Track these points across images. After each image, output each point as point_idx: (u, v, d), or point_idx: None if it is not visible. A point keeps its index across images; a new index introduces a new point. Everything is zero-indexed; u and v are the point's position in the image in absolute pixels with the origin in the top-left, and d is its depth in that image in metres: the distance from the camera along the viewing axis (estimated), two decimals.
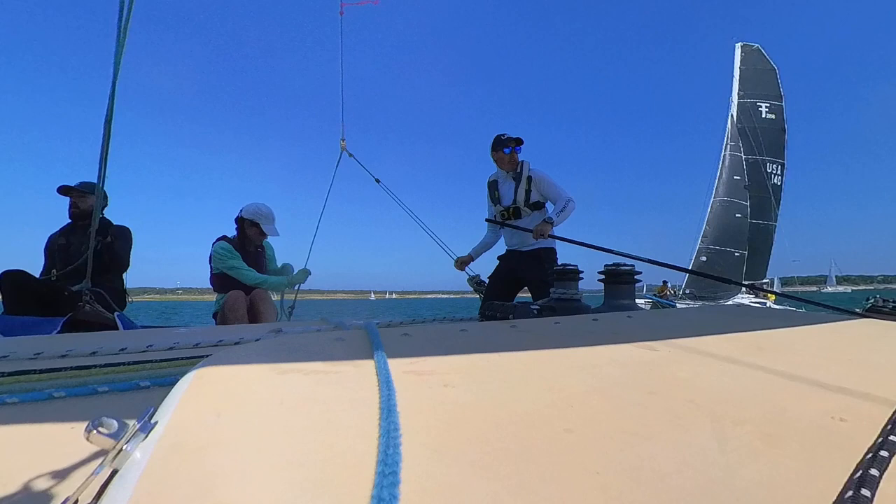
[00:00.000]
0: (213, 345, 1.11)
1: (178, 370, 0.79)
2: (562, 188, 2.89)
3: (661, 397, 0.49)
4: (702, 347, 0.75)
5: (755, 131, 15.26)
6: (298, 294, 3.28)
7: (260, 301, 2.93)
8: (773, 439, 0.39)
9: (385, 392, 0.44)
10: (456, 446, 0.36)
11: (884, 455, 0.34)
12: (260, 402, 0.43)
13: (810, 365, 0.65)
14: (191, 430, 0.36)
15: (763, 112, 15.38)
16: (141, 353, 1.01)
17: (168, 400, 0.43)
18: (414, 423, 0.39)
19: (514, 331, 0.90)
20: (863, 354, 0.77)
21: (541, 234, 2.66)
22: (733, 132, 15.11)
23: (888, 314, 1.22)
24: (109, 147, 1.91)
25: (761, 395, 0.52)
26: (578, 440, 0.38)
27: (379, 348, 0.62)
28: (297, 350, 0.65)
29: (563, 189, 2.88)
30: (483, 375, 0.57)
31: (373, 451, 0.33)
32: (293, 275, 3.25)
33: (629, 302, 1.65)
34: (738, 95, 15.58)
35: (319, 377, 0.52)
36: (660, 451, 0.36)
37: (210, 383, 0.47)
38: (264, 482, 0.29)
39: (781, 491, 0.31)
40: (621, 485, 0.31)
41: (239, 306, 2.82)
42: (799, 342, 0.84)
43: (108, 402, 0.71)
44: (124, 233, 3.00)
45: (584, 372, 0.60)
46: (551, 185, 2.90)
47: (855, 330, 1.01)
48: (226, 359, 0.57)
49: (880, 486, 0.30)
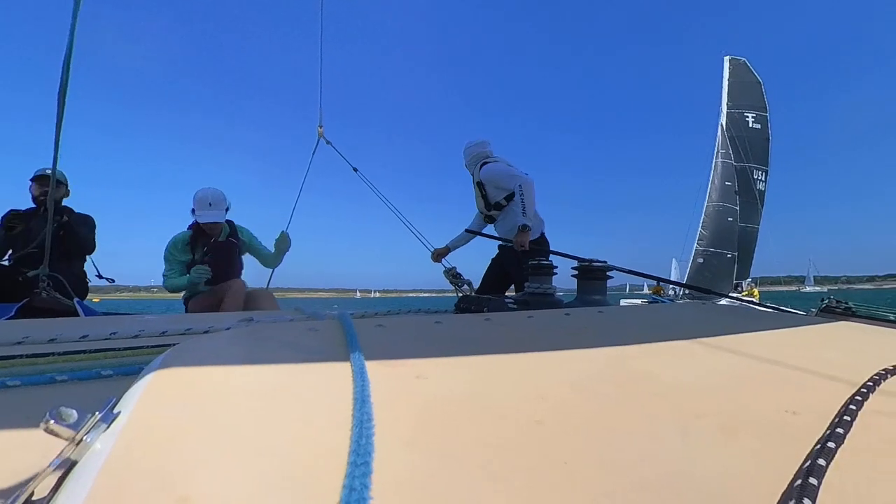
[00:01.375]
0: (182, 333, 1.08)
1: (144, 359, 0.76)
2: (509, 174, 2.74)
3: (628, 390, 0.51)
4: (668, 343, 0.78)
5: (743, 140, 16.25)
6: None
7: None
8: (731, 432, 0.41)
9: (359, 383, 0.44)
10: (428, 437, 0.36)
11: (831, 446, 0.36)
12: (229, 392, 0.43)
13: (767, 361, 0.69)
14: (156, 421, 0.35)
15: (750, 122, 16.37)
16: (103, 341, 0.97)
17: (132, 389, 0.42)
18: (387, 414, 0.39)
19: (488, 324, 0.91)
20: (815, 352, 0.82)
21: (521, 245, 2.61)
22: (723, 140, 16.02)
23: (840, 314, 1.29)
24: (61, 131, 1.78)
25: (722, 390, 0.54)
26: (549, 432, 0.39)
27: (353, 339, 0.61)
28: (269, 339, 0.64)
29: (511, 175, 2.74)
30: (456, 368, 0.57)
31: (345, 441, 0.33)
32: (277, 241, 3.05)
33: (601, 297, 1.69)
34: (727, 106, 16.54)
35: (291, 367, 0.52)
36: (627, 443, 0.38)
37: (177, 372, 0.46)
38: (232, 473, 0.29)
39: (738, 480, 0.33)
40: (589, 474, 0.32)
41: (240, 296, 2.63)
42: (758, 340, 0.88)
43: (68, 392, 0.68)
44: (87, 220, 2.87)
45: (555, 365, 0.61)
46: (500, 177, 2.77)
47: (809, 329, 1.06)
48: (194, 347, 0.56)
49: (826, 475, 0.32)
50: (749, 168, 16.21)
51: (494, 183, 2.80)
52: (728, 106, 16.34)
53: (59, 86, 1.73)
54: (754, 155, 16.25)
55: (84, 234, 2.81)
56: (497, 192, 2.81)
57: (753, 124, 16.31)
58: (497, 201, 2.81)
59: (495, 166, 2.83)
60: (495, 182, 2.80)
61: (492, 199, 2.82)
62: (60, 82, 1.73)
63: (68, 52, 1.73)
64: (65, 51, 1.74)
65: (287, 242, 3.06)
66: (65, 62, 1.73)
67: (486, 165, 2.86)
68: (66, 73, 1.73)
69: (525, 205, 2.64)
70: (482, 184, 2.82)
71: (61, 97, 1.73)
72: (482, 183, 2.82)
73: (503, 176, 2.77)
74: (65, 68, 1.73)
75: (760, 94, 16.58)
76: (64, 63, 1.73)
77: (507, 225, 2.80)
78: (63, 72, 1.73)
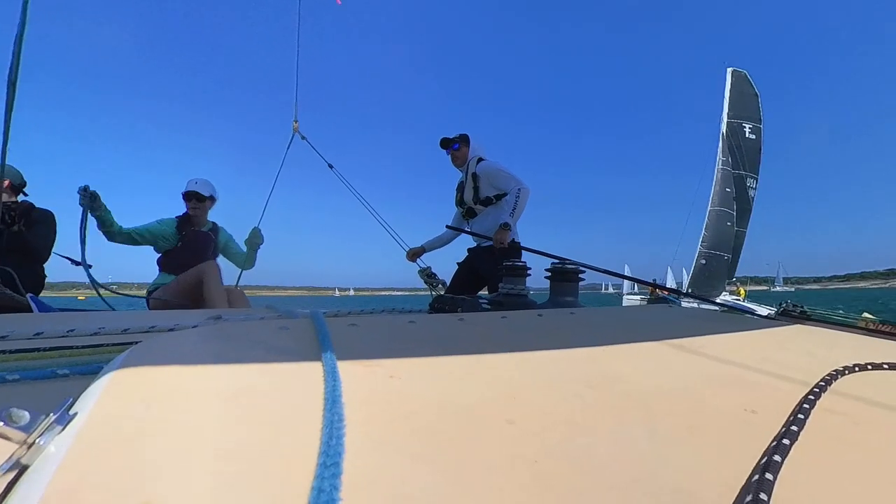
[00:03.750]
0: (145, 331, 1.03)
1: (104, 357, 0.73)
2: (511, 176, 2.80)
3: (598, 390, 0.52)
4: (637, 345, 0.80)
5: (740, 148, 17.19)
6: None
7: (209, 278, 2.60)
8: (695, 430, 0.42)
9: (330, 382, 0.43)
10: (400, 438, 0.36)
11: (786, 443, 0.38)
12: (195, 392, 0.41)
13: (729, 362, 0.72)
14: (116, 422, 0.34)
15: (747, 132, 17.29)
16: (60, 339, 0.92)
17: (90, 389, 0.40)
18: (359, 414, 0.38)
19: (461, 324, 0.91)
20: (773, 353, 0.86)
21: (501, 243, 2.64)
22: (724, 148, 16.84)
23: (796, 318, 1.36)
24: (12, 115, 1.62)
25: (686, 389, 0.56)
26: (520, 431, 0.39)
27: (325, 338, 0.60)
28: (238, 338, 0.63)
29: (512, 177, 2.79)
30: (429, 368, 0.57)
31: (315, 442, 0.32)
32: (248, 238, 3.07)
33: (572, 299, 1.72)
34: (727, 115, 17.39)
35: (261, 367, 0.50)
36: (596, 441, 0.38)
37: (139, 372, 0.44)
38: (197, 476, 0.28)
39: (702, 477, 0.34)
40: (559, 473, 0.33)
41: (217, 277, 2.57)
42: (721, 342, 0.91)
43: (20, 392, 0.64)
44: (46, 217, 2.71)
45: (527, 365, 0.62)
46: (499, 175, 2.82)
47: (768, 332, 1.11)
48: (159, 345, 0.54)
49: (781, 470, 0.34)
50: (744, 175, 17.15)
51: (491, 179, 2.84)
52: (728, 115, 17.19)
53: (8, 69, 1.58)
54: (749, 164, 17.21)
55: (35, 244, 2.63)
56: (490, 188, 2.85)
57: (749, 134, 17.25)
58: (487, 196, 2.85)
59: (496, 165, 2.87)
60: (492, 179, 2.84)
61: (482, 194, 2.86)
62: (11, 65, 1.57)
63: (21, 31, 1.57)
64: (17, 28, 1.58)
65: (259, 238, 3.05)
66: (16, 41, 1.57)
67: (485, 161, 2.90)
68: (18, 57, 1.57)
69: (516, 207, 2.70)
70: (477, 176, 2.86)
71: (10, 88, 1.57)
72: (477, 175, 2.86)
73: (502, 176, 2.82)
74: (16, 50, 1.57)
75: (757, 107, 17.56)
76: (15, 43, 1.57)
77: (489, 223, 2.82)
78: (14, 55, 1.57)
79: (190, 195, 2.88)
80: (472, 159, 2.94)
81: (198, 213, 2.91)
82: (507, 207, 2.75)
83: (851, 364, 0.69)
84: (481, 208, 2.91)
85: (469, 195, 2.92)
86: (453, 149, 2.97)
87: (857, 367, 0.68)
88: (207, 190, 2.92)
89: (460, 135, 2.98)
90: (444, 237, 3.20)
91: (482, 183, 2.86)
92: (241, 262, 3.10)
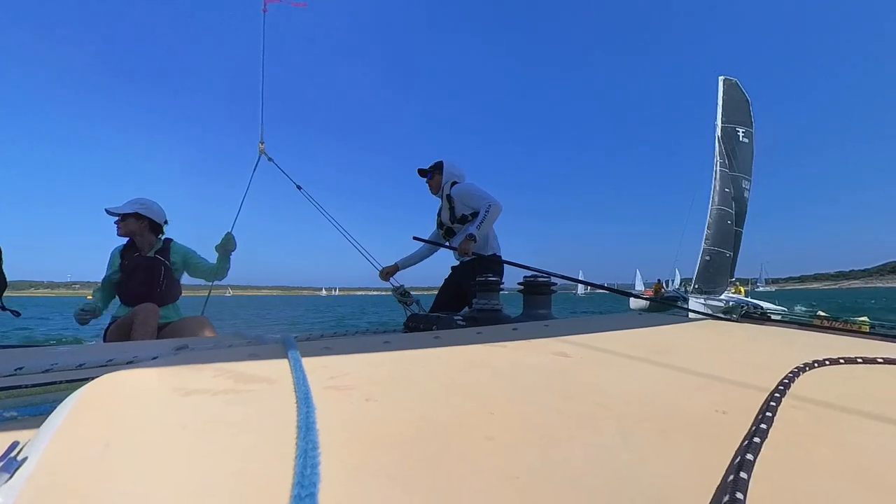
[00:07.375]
0: (102, 365, 0.97)
1: (56, 396, 0.68)
2: (481, 195, 2.97)
3: (574, 401, 0.53)
4: (610, 353, 0.81)
5: (734, 152, 18.22)
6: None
7: (140, 321, 2.36)
8: (669, 434, 0.43)
9: (303, 409, 0.42)
10: (377, 462, 0.35)
11: (756, 441, 0.39)
12: (159, 428, 0.39)
13: (698, 365, 0.74)
14: (71, 466, 0.31)
15: (740, 136, 18.42)
16: (7, 378, 0.86)
17: (42, 431, 0.37)
18: (334, 440, 0.37)
19: (437, 342, 0.90)
20: (738, 354, 0.89)
21: (464, 252, 2.75)
22: (721, 151, 17.84)
23: (757, 319, 1.42)
24: None
25: (659, 395, 0.57)
26: (498, 447, 0.39)
27: (297, 363, 0.59)
28: (204, 368, 0.60)
29: (482, 196, 2.96)
30: (406, 388, 0.56)
31: (289, 472, 0.31)
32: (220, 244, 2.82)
33: (546, 311, 1.74)
34: (721, 121, 18.52)
35: (230, 397, 0.48)
36: (574, 453, 0.38)
37: (96, 408, 0.41)
38: None
39: (678, 480, 0.34)
40: (539, 487, 0.32)
41: (152, 319, 2.35)
42: (688, 345, 0.94)
43: None
44: None
45: (504, 380, 0.62)
46: (470, 195, 3.00)
47: (733, 334, 1.15)
48: (117, 380, 0.51)
49: (754, 468, 0.35)
50: (739, 178, 18.18)
51: (464, 199, 3.01)
52: (723, 121, 18.34)
53: None
54: (743, 166, 18.28)
55: None
56: (464, 207, 3.02)
57: (742, 139, 18.40)
58: (463, 214, 3.02)
59: (468, 186, 3.06)
60: (465, 199, 3.01)
61: (458, 213, 3.03)
62: None
63: None
64: None
65: (232, 244, 2.85)
66: None
67: (458, 184, 3.09)
68: None
69: (484, 221, 2.84)
70: (451, 198, 3.05)
71: None
72: (451, 197, 3.04)
73: (474, 196, 2.99)
74: None
75: (748, 113, 18.76)
76: None
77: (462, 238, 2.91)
78: None
79: (112, 215, 2.57)
80: (447, 184, 3.12)
81: (131, 235, 2.60)
82: (476, 222, 2.91)
83: (811, 360, 0.72)
84: (459, 226, 3.07)
85: (446, 216, 3.09)
86: (428, 178, 3.20)
87: (817, 364, 0.71)
88: (131, 207, 2.57)
89: (434, 164, 3.19)
90: (419, 254, 3.29)
91: (457, 203, 3.03)
92: (210, 274, 2.84)
